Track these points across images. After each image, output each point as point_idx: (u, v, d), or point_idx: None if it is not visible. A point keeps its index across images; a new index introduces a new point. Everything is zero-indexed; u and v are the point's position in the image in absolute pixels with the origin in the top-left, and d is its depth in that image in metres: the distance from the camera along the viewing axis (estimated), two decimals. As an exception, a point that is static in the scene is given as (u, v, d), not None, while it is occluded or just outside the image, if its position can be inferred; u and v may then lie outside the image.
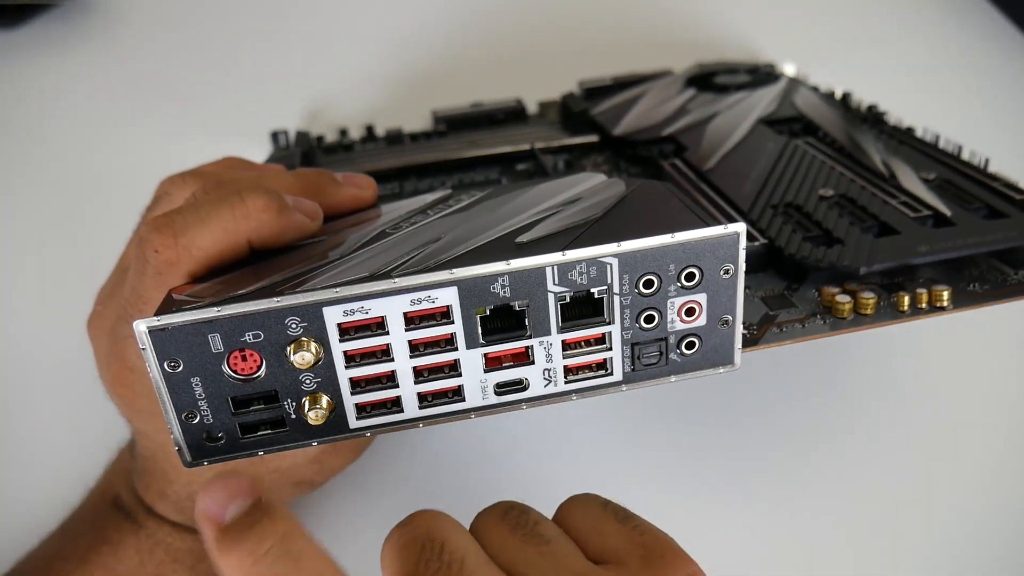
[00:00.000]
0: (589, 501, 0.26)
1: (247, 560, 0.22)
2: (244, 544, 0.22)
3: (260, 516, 0.22)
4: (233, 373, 0.25)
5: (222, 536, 0.22)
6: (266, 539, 0.22)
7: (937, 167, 0.41)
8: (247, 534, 0.22)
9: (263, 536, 0.22)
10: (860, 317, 0.33)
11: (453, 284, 0.25)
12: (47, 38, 0.62)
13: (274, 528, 0.22)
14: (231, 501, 0.22)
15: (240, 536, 0.22)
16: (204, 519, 0.22)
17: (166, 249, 0.27)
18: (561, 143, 0.48)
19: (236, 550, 0.22)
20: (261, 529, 0.22)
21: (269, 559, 0.22)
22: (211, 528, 0.22)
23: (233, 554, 0.22)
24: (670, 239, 0.26)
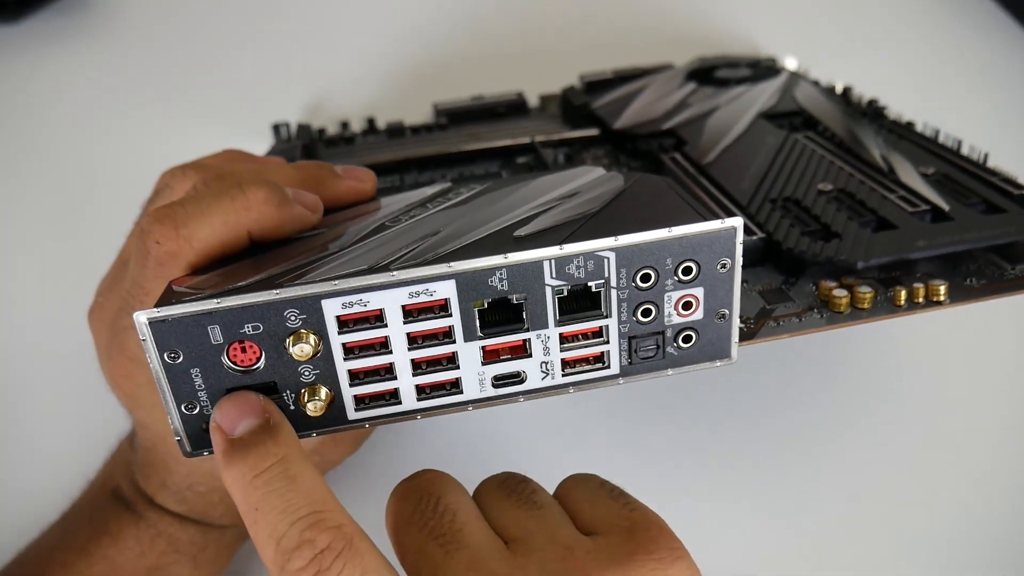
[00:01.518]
0: (588, 478, 0.28)
1: (248, 474, 0.23)
2: (247, 459, 0.23)
3: (265, 436, 0.24)
4: (233, 364, 0.25)
5: (229, 448, 0.24)
6: (267, 457, 0.24)
7: (936, 162, 0.41)
8: (251, 451, 0.24)
9: (265, 454, 0.24)
10: (857, 311, 0.33)
11: (451, 277, 0.25)
12: (48, 32, 0.63)
13: (276, 448, 0.24)
14: (242, 418, 0.24)
15: (244, 452, 0.24)
16: (215, 431, 0.24)
17: (167, 240, 0.27)
18: (561, 136, 0.48)
19: (239, 464, 0.23)
20: (264, 448, 0.24)
21: (267, 476, 0.23)
22: (220, 440, 0.24)
23: (236, 467, 0.23)
24: (667, 233, 0.26)
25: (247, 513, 0.23)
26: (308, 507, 0.23)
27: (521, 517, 0.26)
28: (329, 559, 0.22)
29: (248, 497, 0.23)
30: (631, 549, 0.24)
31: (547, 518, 0.26)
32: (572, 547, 0.25)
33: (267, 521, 0.23)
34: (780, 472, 0.43)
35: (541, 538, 0.25)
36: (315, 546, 0.22)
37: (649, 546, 0.24)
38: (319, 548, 0.22)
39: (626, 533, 0.25)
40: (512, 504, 0.27)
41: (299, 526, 0.22)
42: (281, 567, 0.22)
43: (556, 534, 0.25)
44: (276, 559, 0.22)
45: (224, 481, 0.24)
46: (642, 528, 0.25)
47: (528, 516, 0.26)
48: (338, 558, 0.22)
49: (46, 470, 0.43)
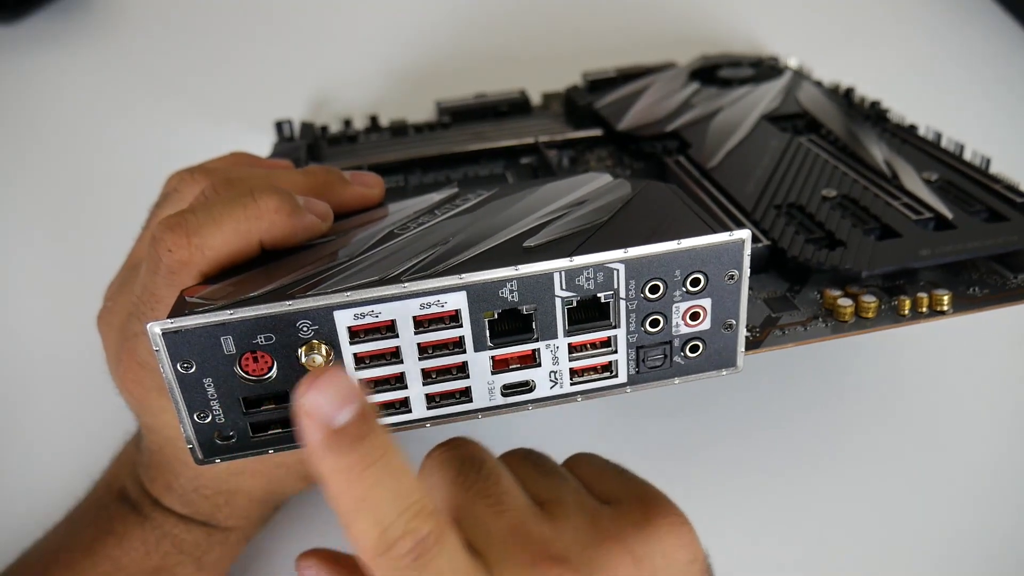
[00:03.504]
0: (593, 456, 0.31)
1: (355, 468, 0.23)
2: (355, 452, 0.23)
3: (369, 429, 0.23)
4: (245, 374, 0.25)
5: (333, 440, 0.23)
6: (376, 450, 0.23)
7: (939, 167, 0.41)
8: (358, 445, 0.23)
9: (373, 448, 0.23)
10: (861, 320, 0.33)
11: (462, 289, 0.25)
12: (49, 31, 0.62)
13: (382, 439, 0.23)
14: (343, 406, 0.23)
15: (351, 445, 0.23)
16: (312, 419, 0.23)
17: (179, 249, 0.27)
18: (565, 137, 0.49)
19: (345, 457, 0.23)
20: (371, 442, 0.23)
21: (374, 471, 0.23)
22: (319, 429, 0.22)
23: (342, 460, 0.23)
24: (676, 246, 0.26)
25: (350, 503, 0.23)
26: (411, 497, 0.24)
27: (550, 484, 0.29)
28: (430, 543, 0.23)
29: (354, 488, 0.23)
30: (645, 515, 0.28)
31: (572, 486, 0.29)
32: (597, 513, 0.28)
33: (374, 512, 0.23)
34: (785, 480, 0.43)
35: (571, 504, 0.28)
36: (418, 534, 0.23)
37: (660, 512, 0.28)
38: (422, 535, 0.23)
39: (637, 501, 0.28)
40: (539, 473, 0.29)
41: (405, 516, 0.23)
42: (383, 553, 0.23)
43: (583, 501, 0.28)
44: (378, 546, 0.23)
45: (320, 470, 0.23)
46: (650, 498, 0.28)
47: (556, 484, 0.29)
48: (436, 543, 0.24)
49: (51, 470, 0.44)
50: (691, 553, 0.28)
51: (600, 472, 0.30)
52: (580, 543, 0.27)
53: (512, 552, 0.26)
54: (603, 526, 0.27)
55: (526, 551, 0.26)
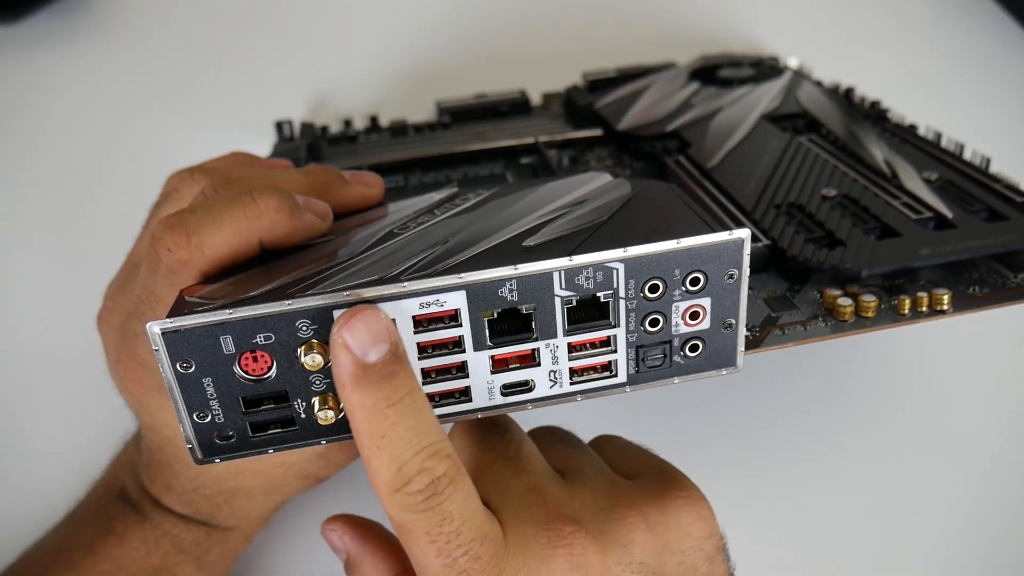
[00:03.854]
0: (616, 437, 0.33)
1: (381, 404, 0.24)
2: (381, 389, 0.24)
3: (398, 367, 0.24)
4: (244, 374, 0.25)
5: (362, 375, 0.24)
6: (401, 389, 0.24)
7: (939, 167, 0.41)
8: (387, 381, 0.24)
9: (400, 386, 0.24)
10: (861, 320, 0.33)
11: (462, 288, 0.25)
12: (49, 31, 0.62)
13: (407, 381, 0.25)
14: (376, 343, 0.24)
15: (380, 380, 0.24)
16: (343, 350, 0.24)
17: (179, 248, 0.27)
18: (565, 137, 0.49)
19: (372, 392, 0.24)
20: (399, 380, 0.24)
21: (399, 407, 0.24)
22: (351, 363, 0.24)
23: (368, 394, 0.24)
24: (676, 245, 0.26)
25: (370, 439, 0.24)
26: (430, 438, 0.25)
27: (572, 455, 0.31)
28: (444, 484, 0.25)
29: (375, 425, 0.24)
30: (664, 487, 0.29)
31: (593, 459, 0.31)
32: (617, 482, 0.29)
33: (393, 448, 0.24)
34: (784, 479, 0.43)
35: (591, 472, 0.30)
36: (433, 473, 0.24)
37: (678, 486, 0.29)
38: (437, 475, 0.24)
39: (657, 474, 0.30)
40: (563, 445, 0.31)
41: (422, 455, 0.24)
42: (397, 489, 0.24)
43: (602, 472, 0.30)
44: (393, 482, 0.24)
45: (347, 402, 0.24)
46: (669, 473, 0.30)
47: (578, 455, 0.31)
48: (450, 484, 0.25)
49: (51, 470, 0.44)
50: (707, 529, 0.29)
51: (623, 450, 0.32)
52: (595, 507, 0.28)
53: (527, 509, 0.27)
54: (620, 495, 0.29)
55: (541, 508, 0.27)
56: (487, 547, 0.26)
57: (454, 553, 0.25)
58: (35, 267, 0.53)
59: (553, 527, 0.27)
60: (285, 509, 0.42)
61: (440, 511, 0.25)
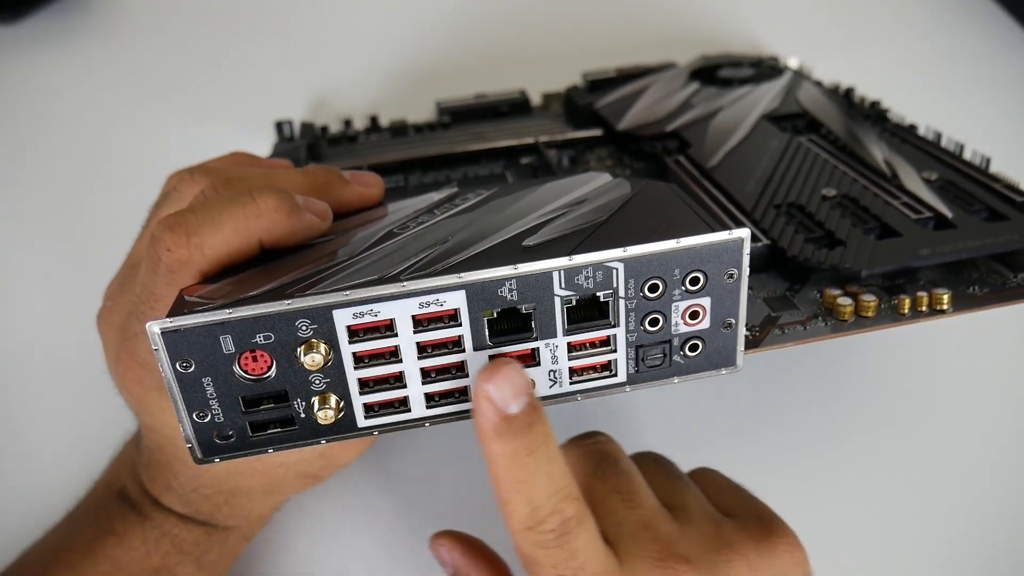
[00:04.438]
0: (715, 472, 0.35)
1: (521, 452, 0.26)
2: (522, 439, 0.26)
3: (536, 418, 0.26)
4: (244, 373, 0.25)
5: (505, 425, 0.25)
6: (539, 438, 0.26)
7: (939, 167, 0.41)
8: (528, 432, 0.26)
9: (538, 434, 0.26)
10: (861, 319, 0.33)
11: (461, 288, 0.25)
12: (49, 31, 0.62)
13: (545, 430, 0.26)
14: (518, 396, 0.26)
15: (520, 431, 0.26)
16: (488, 404, 0.25)
17: (178, 248, 0.27)
18: (565, 137, 0.49)
19: (513, 441, 0.26)
20: (538, 430, 0.26)
21: (536, 455, 0.26)
22: (494, 415, 0.25)
23: (509, 443, 0.26)
24: (675, 244, 0.26)
25: (509, 483, 0.26)
26: (562, 482, 0.27)
27: (677, 489, 0.32)
28: (573, 525, 0.27)
29: (514, 471, 0.26)
30: (765, 532, 0.30)
31: (697, 494, 0.32)
32: (721, 523, 0.31)
33: (530, 492, 0.26)
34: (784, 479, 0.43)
35: (697, 511, 0.31)
36: (564, 514, 0.26)
37: (779, 532, 0.30)
38: (567, 516, 0.26)
39: (756, 519, 0.31)
40: (667, 477, 0.33)
41: (555, 499, 0.26)
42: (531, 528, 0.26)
43: (706, 510, 0.31)
44: (527, 521, 0.26)
45: (489, 450, 0.26)
46: (768, 518, 0.31)
47: (682, 490, 0.32)
48: (578, 524, 0.27)
49: (51, 470, 0.44)
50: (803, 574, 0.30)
51: (722, 487, 0.34)
52: (703, 547, 0.29)
53: (642, 545, 0.29)
54: (725, 536, 0.30)
55: (654, 546, 0.29)
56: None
57: None
58: (35, 267, 0.53)
59: (667, 565, 0.28)
60: (285, 508, 0.42)
61: (568, 548, 0.27)
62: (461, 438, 0.44)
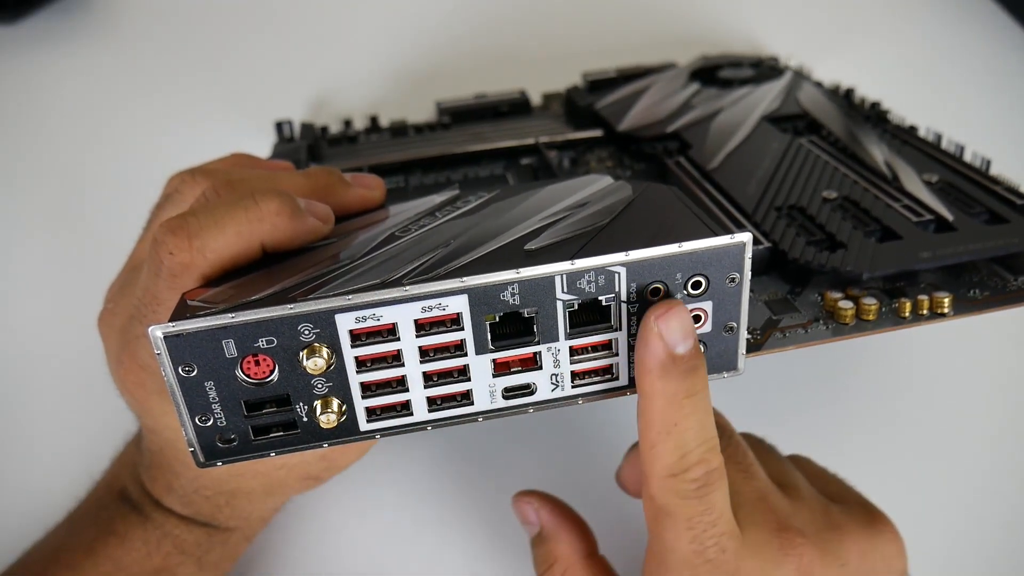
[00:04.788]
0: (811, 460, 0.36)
1: (680, 394, 0.26)
2: (686, 380, 0.26)
3: (700, 363, 0.27)
4: (246, 377, 0.25)
5: (672, 364, 0.26)
6: (700, 383, 0.26)
7: (939, 168, 0.41)
8: (690, 374, 0.26)
9: (699, 380, 0.26)
10: (862, 323, 0.33)
11: (464, 292, 0.25)
12: (49, 31, 0.62)
13: (705, 378, 0.27)
14: (687, 338, 0.26)
15: (685, 373, 0.26)
16: (658, 341, 0.26)
17: (180, 251, 0.27)
18: (565, 138, 0.49)
19: (677, 381, 0.26)
20: (699, 375, 0.26)
21: (694, 400, 0.26)
22: (663, 351, 0.26)
23: (671, 383, 0.26)
24: (677, 248, 0.26)
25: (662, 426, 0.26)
26: (711, 432, 0.27)
27: (785, 470, 0.33)
28: (715, 477, 0.27)
29: (671, 413, 0.26)
30: (871, 520, 0.32)
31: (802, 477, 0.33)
32: (828, 506, 0.32)
33: (681, 437, 0.26)
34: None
35: (806, 491, 0.32)
36: (709, 465, 0.27)
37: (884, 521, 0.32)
38: (712, 467, 0.27)
39: (861, 507, 0.32)
40: (774, 459, 0.34)
41: (704, 447, 0.27)
42: (675, 475, 0.27)
43: (814, 492, 0.32)
44: (673, 467, 0.27)
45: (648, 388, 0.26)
46: (871, 507, 0.33)
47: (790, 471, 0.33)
48: (720, 478, 0.27)
49: (52, 470, 0.44)
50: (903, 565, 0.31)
51: (820, 473, 0.35)
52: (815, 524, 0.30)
53: (759, 515, 0.30)
54: (834, 517, 0.31)
55: (772, 518, 0.30)
56: (733, 542, 0.28)
57: (706, 542, 0.27)
58: (35, 267, 0.53)
59: (785, 536, 0.29)
60: (285, 509, 0.42)
61: (707, 501, 0.27)
62: (461, 439, 0.44)
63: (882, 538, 0.31)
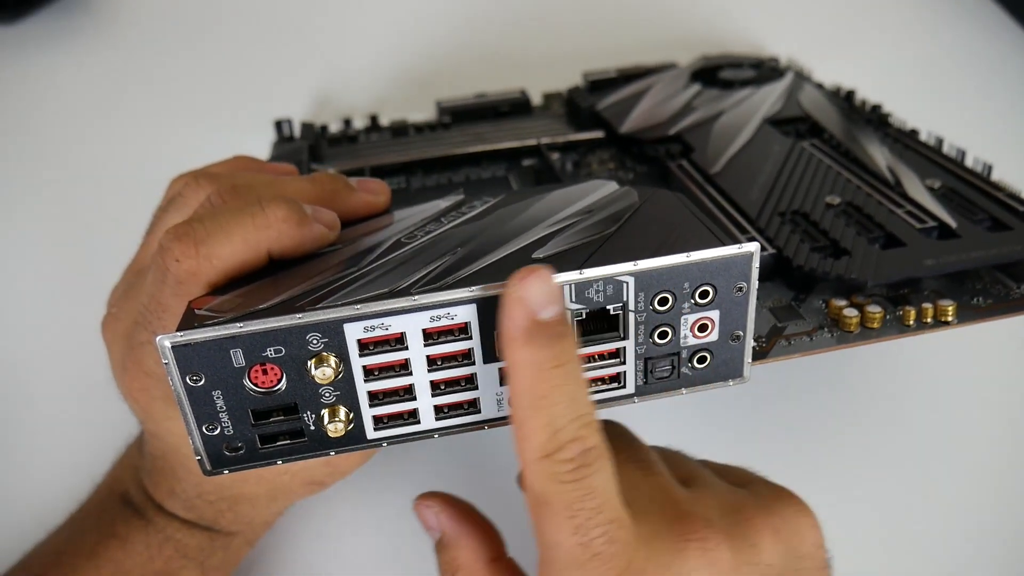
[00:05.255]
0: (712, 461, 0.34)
1: (548, 363, 0.24)
2: (551, 347, 0.24)
3: (566, 330, 0.25)
4: (254, 386, 0.25)
5: (536, 330, 0.24)
6: (568, 351, 0.25)
7: (941, 174, 0.41)
8: (557, 341, 0.24)
9: (567, 348, 0.25)
10: (867, 331, 0.33)
11: (472, 302, 0.25)
12: (49, 31, 0.62)
13: (573, 347, 0.25)
14: (551, 303, 0.24)
15: (550, 339, 0.24)
16: (519, 306, 0.24)
17: (187, 259, 0.27)
18: (567, 139, 0.48)
19: (541, 349, 0.24)
20: (567, 343, 0.25)
21: (563, 370, 0.24)
22: (525, 317, 0.24)
23: (536, 351, 0.24)
24: (686, 259, 0.26)
25: (530, 397, 0.24)
26: (586, 407, 0.25)
27: (688, 465, 0.32)
28: (594, 456, 0.25)
29: (539, 384, 0.24)
30: (779, 497, 0.30)
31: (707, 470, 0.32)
32: (734, 491, 0.30)
33: (551, 411, 0.24)
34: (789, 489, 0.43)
35: (710, 480, 0.31)
36: (586, 442, 0.25)
37: (792, 497, 0.30)
38: (589, 445, 0.25)
39: (767, 486, 0.31)
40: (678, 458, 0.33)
41: (577, 423, 0.24)
42: (548, 455, 0.24)
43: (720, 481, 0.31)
44: (545, 446, 0.24)
45: (513, 357, 0.24)
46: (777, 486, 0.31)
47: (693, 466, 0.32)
48: (599, 458, 0.25)
49: (53, 472, 0.43)
50: (820, 538, 0.30)
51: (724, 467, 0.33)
52: (722, 510, 0.29)
53: (658, 507, 0.28)
54: (741, 501, 0.30)
55: (671, 508, 0.28)
56: (623, 532, 0.25)
57: (592, 532, 0.25)
58: (36, 267, 0.53)
59: (685, 523, 0.27)
60: (288, 513, 0.42)
61: (586, 484, 0.25)
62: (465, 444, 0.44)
63: (794, 512, 0.29)
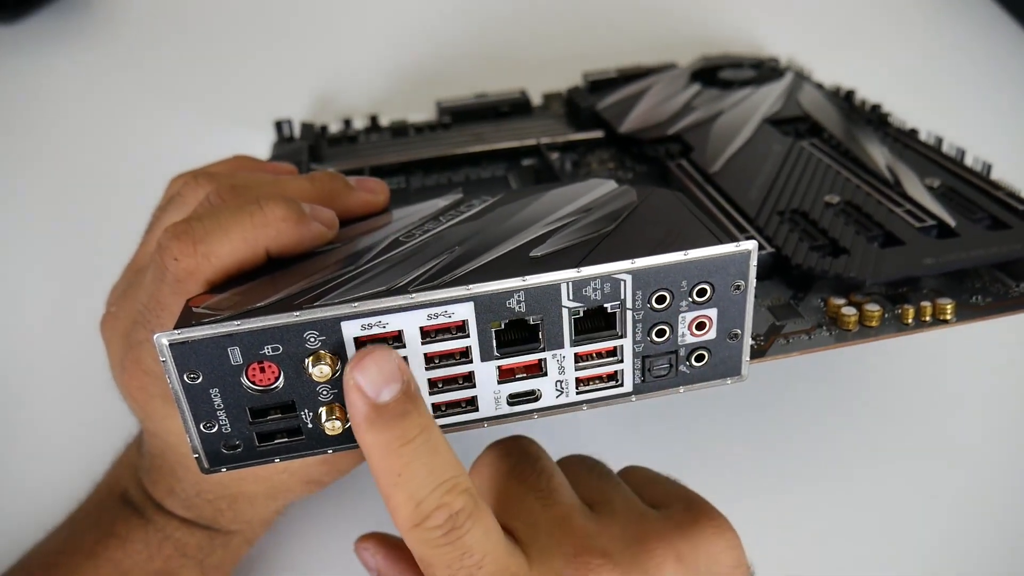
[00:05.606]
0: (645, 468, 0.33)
1: (395, 443, 0.24)
2: (394, 429, 0.24)
3: (410, 405, 0.25)
4: (251, 384, 0.25)
5: (376, 415, 0.24)
6: (414, 428, 0.25)
7: (940, 173, 0.41)
8: (400, 421, 0.24)
9: (412, 425, 0.25)
10: (865, 329, 0.33)
11: (470, 300, 0.25)
12: (49, 31, 0.62)
13: (421, 420, 0.25)
14: (386, 384, 0.24)
15: (393, 421, 0.24)
16: (356, 391, 0.24)
17: (185, 257, 0.27)
18: (567, 139, 0.48)
19: (387, 432, 0.24)
20: (412, 419, 0.25)
21: (413, 446, 0.24)
22: (364, 404, 0.24)
23: (381, 434, 0.24)
24: (683, 256, 0.26)
25: (387, 477, 0.25)
26: (446, 474, 0.25)
27: (602, 487, 0.31)
28: (462, 519, 0.25)
29: (391, 464, 0.24)
30: (691, 518, 0.29)
31: (622, 490, 0.31)
32: (646, 513, 0.29)
33: (409, 486, 0.25)
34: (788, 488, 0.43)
35: (620, 504, 0.30)
36: (451, 508, 0.25)
37: (706, 516, 0.29)
38: (455, 509, 0.25)
39: (685, 504, 0.30)
40: (592, 476, 0.31)
41: (439, 491, 0.25)
42: (417, 525, 0.25)
43: (631, 503, 0.30)
44: (413, 518, 0.25)
45: (363, 443, 0.25)
46: (697, 503, 0.30)
47: (606, 487, 0.31)
48: (469, 518, 0.25)
49: (52, 471, 0.43)
50: (735, 558, 0.29)
51: (651, 480, 0.32)
52: (625, 540, 0.28)
53: (555, 542, 0.27)
54: (649, 526, 0.29)
55: (569, 542, 0.27)
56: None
57: None
58: (37, 267, 0.53)
59: (581, 559, 0.27)
60: (287, 512, 0.42)
61: (460, 545, 0.25)
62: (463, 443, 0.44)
63: (704, 534, 0.29)
